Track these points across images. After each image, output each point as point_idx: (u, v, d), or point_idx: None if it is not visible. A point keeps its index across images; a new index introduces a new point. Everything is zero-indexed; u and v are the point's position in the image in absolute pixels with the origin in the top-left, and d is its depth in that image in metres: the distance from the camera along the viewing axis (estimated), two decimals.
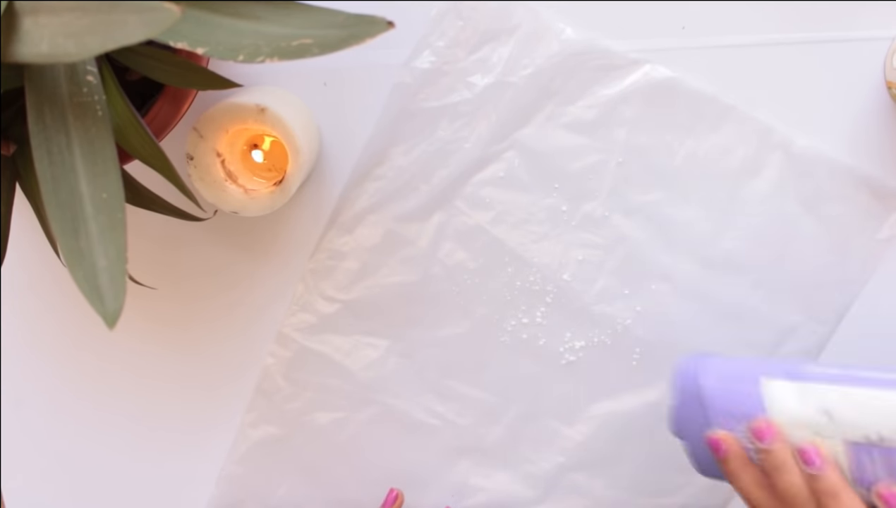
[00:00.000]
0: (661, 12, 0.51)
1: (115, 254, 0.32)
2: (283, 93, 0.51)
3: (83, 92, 0.34)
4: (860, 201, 0.52)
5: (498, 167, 0.52)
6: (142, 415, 0.56)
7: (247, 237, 0.54)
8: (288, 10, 0.33)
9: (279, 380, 0.55)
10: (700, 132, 0.52)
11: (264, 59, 0.32)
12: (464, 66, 0.51)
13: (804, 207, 0.52)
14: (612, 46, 0.51)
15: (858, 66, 0.51)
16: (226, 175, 0.48)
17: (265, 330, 0.55)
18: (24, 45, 0.31)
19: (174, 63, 0.41)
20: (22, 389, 0.56)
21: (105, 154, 0.33)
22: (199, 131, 0.47)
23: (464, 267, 0.53)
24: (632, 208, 0.52)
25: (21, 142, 0.39)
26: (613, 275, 0.53)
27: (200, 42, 0.32)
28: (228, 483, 0.56)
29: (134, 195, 0.43)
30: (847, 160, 0.51)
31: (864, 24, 0.50)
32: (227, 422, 0.56)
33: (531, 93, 0.51)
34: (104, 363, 0.56)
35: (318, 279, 0.54)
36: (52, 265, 0.53)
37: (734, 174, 0.52)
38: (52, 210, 0.33)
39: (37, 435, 0.57)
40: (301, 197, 0.54)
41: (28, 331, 0.56)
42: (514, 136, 0.52)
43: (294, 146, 0.46)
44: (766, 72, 0.51)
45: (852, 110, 0.51)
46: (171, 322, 0.56)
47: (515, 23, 0.51)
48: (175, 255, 0.55)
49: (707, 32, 0.51)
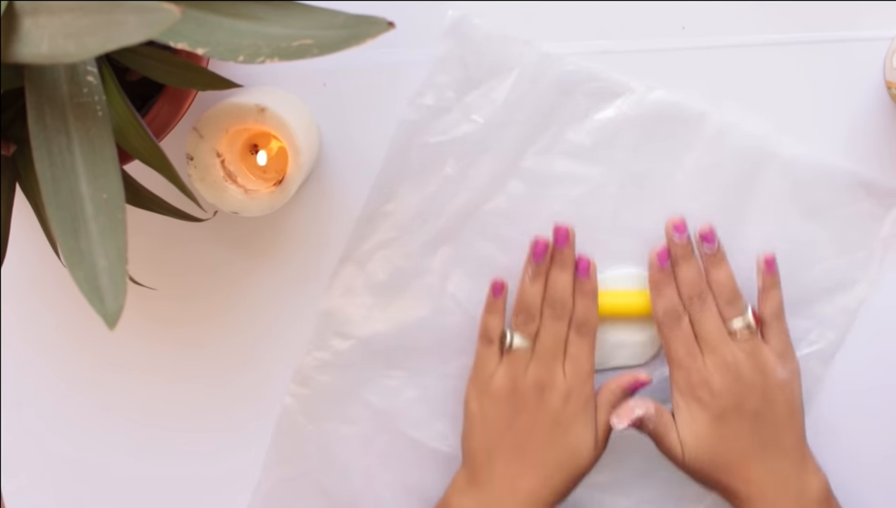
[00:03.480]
0: (660, 13, 0.51)
1: (116, 255, 0.32)
2: (283, 93, 0.51)
3: (83, 92, 0.34)
4: (860, 204, 0.52)
5: (502, 198, 0.53)
6: (142, 415, 0.56)
7: (247, 237, 0.54)
8: (288, 11, 0.33)
9: (299, 419, 0.55)
10: (698, 150, 0.52)
11: (264, 59, 0.32)
12: (468, 102, 0.52)
13: (805, 214, 0.52)
14: (611, 73, 0.51)
15: (858, 66, 0.51)
16: (226, 175, 0.48)
17: (265, 329, 0.55)
18: (24, 45, 0.31)
19: (174, 63, 0.41)
20: (22, 389, 0.56)
21: (105, 154, 0.33)
22: (199, 131, 0.47)
23: (474, 299, 0.53)
24: (633, 230, 0.52)
25: (21, 143, 0.39)
26: None
27: (200, 42, 0.32)
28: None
29: (134, 195, 0.43)
30: (846, 165, 0.51)
31: (864, 24, 0.50)
32: (227, 423, 0.56)
33: (532, 123, 0.52)
34: (104, 363, 0.56)
35: (331, 316, 0.54)
36: (52, 265, 0.52)
37: (734, 188, 0.52)
38: (52, 210, 0.33)
39: (37, 436, 0.57)
40: (301, 197, 0.54)
41: (28, 332, 0.56)
42: (517, 166, 0.52)
43: (294, 146, 0.46)
44: (766, 71, 0.51)
45: (852, 110, 0.51)
46: (171, 322, 0.56)
47: (516, 57, 0.51)
48: (175, 255, 0.55)
49: (707, 33, 0.51)
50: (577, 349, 0.50)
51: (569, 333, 0.50)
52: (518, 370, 0.49)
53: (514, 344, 0.50)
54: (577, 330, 0.50)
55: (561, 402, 0.49)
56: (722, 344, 0.48)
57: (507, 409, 0.49)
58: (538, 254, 0.50)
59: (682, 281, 0.50)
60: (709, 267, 0.50)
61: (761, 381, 0.47)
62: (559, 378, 0.49)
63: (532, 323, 0.50)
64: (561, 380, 0.49)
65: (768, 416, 0.48)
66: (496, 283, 0.51)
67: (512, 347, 0.50)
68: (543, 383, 0.49)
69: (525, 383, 0.49)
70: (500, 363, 0.50)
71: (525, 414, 0.49)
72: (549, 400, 0.49)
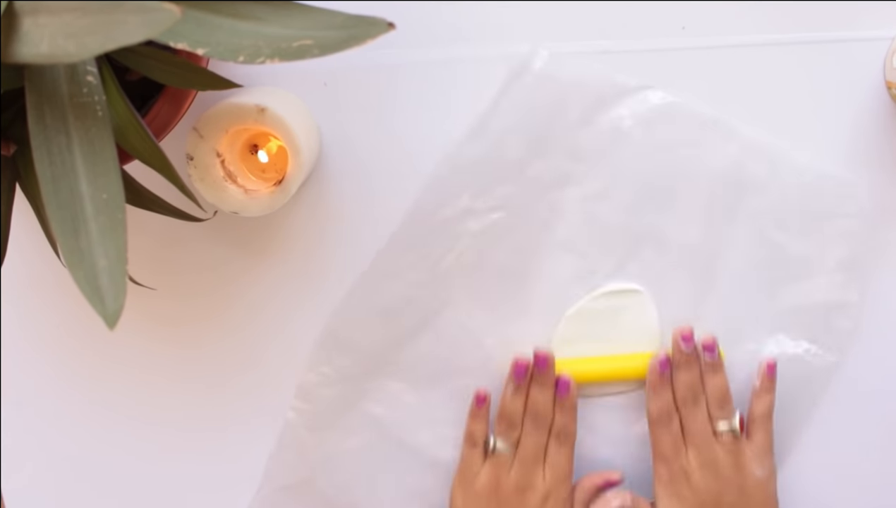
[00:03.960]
0: (660, 12, 0.51)
1: (116, 255, 0.32)
2: (283, 93, 0.51)
3: (83, 92, 0.34)
4: (862, 215, 0.52)
5: (503, 201, 0.53)
6: (142, 415, 0.56)
7: (247, 237, 0.54)
8: (288, 11, 0.33)
9: (302, 432, 0.55)
10: (701, 155, 0.52)
11: (264, 59, 0.32)
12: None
13: (806, 223, 0.52)
14: (612, 74, 0.51)
15: (858, 66, 0.51)
16: (226, 175, 0.48)
17: (265, 329, 0.55)
18: (24, 45, 0.31)
19: (174, 63, 0.41)
20: (22, 388, 0.56)
21: (105, 154, 0.33)
22: (199, 131, 0.47)
23: (477, 308, 0.53)
24: (634, 231, 0.52)
25: (21, 143, 0.39)
26: None
27: (200, 43, 0.32)
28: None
29: (134, 195, 0.43)
30: (848, 174, 0.51)
31: (864, 24, 0.50)
32: (227, 422, 0.56)
33: (537, 130, 0.52)
34: (104, 362, 0.56)
35: (333, 334, 0.54)
36: (52, 265, 0.52)
37: (736, 195, 0.52)
38: (52, 210, 0.33)
39: (37, 435, 0.57)
40: (301, 197, 0.54)
41: (28, 331, 0.56)
42: (523, 174, 0.52)
43: (294, 146, 0.46)
44: (766, 71, 0.51)
45: (852, 110, 0.51)
46: (171, 321, 0.56)
47: (522, 65, 0.51)
48: (175, 255, 0.55)
49: (707, 33, 0.51)
50: (557, 456, 0.52)
51: (549, 441, 0.52)
52: (501, 471, 0.52)
53: (497, 448, 0.52)
54: (556, 439, 0.52)
55: (540, 503, 0.51)
56: (706, 443, 0.51)
57: (489, 506, 0.52)
58: (519, 375, 0.52)
59: (680, 385, 0.52)
60: (706, 372, 0.52)
61: (739, 479, 0.50)
62: (539, 481, 0.52)
63: (514, 431, 0.52)
64: (541, 483, 0.52)
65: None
66: (479, 395, 0.53)
67: (495, 451, 0.52)
68: (524, 485, 0.51)
69: (507, 484, 0.52)
70: (483, 464, 0.53)
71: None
72: (528, 501, 0.51)
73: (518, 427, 0.52)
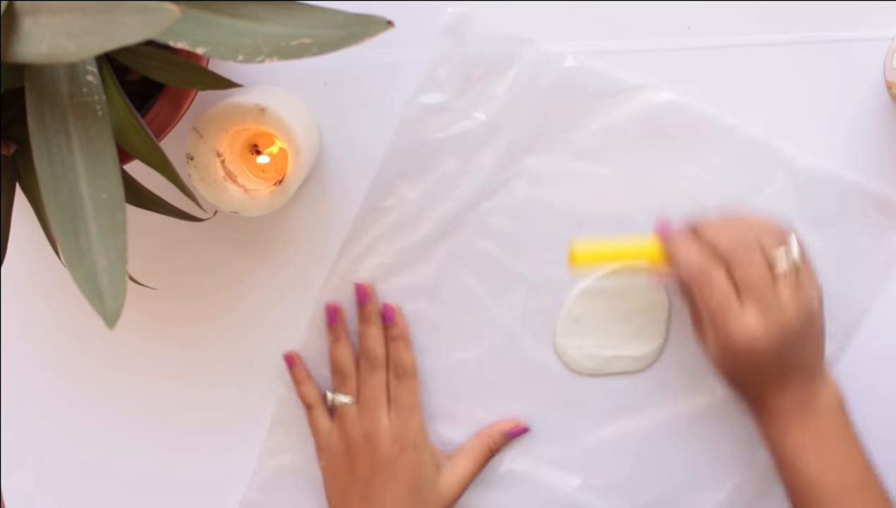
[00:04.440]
0: (666, 12, 0.51)
1: (115, 254, 0.32)
2: (284, 93, 0.51)
3: (83, 92, 0.34)
4: (864, 217, 0.51)
5: (504, 194, 0.53)
6: (142, 415, 0.57)
7: (247, 237, 0.54)
8: (287, 10, 0.33)
9: (296, 410, 0.55)
10: (702, 155, 0.52)
11: (264, 58, 0.32)
12: (467, 99, 0.52)
13: (808, 225, 0.51)
14: (614, 72, 0.51)
15: (858, 66, 0.51)
16: (226, 175, 0.48)
17: (265, 329, 0.55)
18: (24, 45, 0.31)
19: (174, 63, 0.41)
20: (22, 388, 0.57)
21: (105, 154, 0.33)
22: (199, 131, 0.47)
23: (473, 293, 0.53)
24: (634, 231, 0.52)
25: (21, 142, 0.39)
26: None
27: (200, 42, 0.32)
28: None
29: (134, 195, 0.43)
30: (850, 175, 0.51)
31: (864, 24, 0.50)
32: (227, 422, 0.56)
33: (534, 123, 0.52)
34: (104, 362, 0.56)
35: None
36: (52, 265, 0.52)
37: (737, 196, 0.52)
38: (52, 210, 0.33)
39: (37, 434, 0.57)
40: (301, 197, 0.54)
41: (28, 330, 0.56)
42: (519, 165, 0.52)
43: (294, 146, 0.46)
44: (766, 71, 0.51)
45: (852, 110, 0.51)
46: (171, 321, 0.56)
47: (517, 55, 0.51)
48: (175, 255, 0.55)
49: (714, 33, 0.51)
50: (398, 392, 0.52)
51: (389, 379, 0.52)
52: (346, 425, 0.52)
53: (336, 402, 0.52)
54: (395, 375, 0.52)
55: (389, 446, 0.51)
56: (767, 289, 0.46)
57: (345, 463, 0.52)
58: (332, 317, 0.52)
59: (723, 235, 0.47)
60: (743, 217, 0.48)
61: (806, 311, 0.46)
62: (384, 424, 0.51)
63: (350, 380, 0.52)
64: (386, 426, 0.51)
65: (808, 339, 0.48)
66: (289, 356, 0.54)
67: (335, 406, 0.52)
68: (369, 432, 0.51)
69: (355, 436, 0.51)
70: (332, 422, 0.53)
71: (360, 464, 0.51)
72: (377, 447, 0.51)
73: (353, 375, 0.52)
